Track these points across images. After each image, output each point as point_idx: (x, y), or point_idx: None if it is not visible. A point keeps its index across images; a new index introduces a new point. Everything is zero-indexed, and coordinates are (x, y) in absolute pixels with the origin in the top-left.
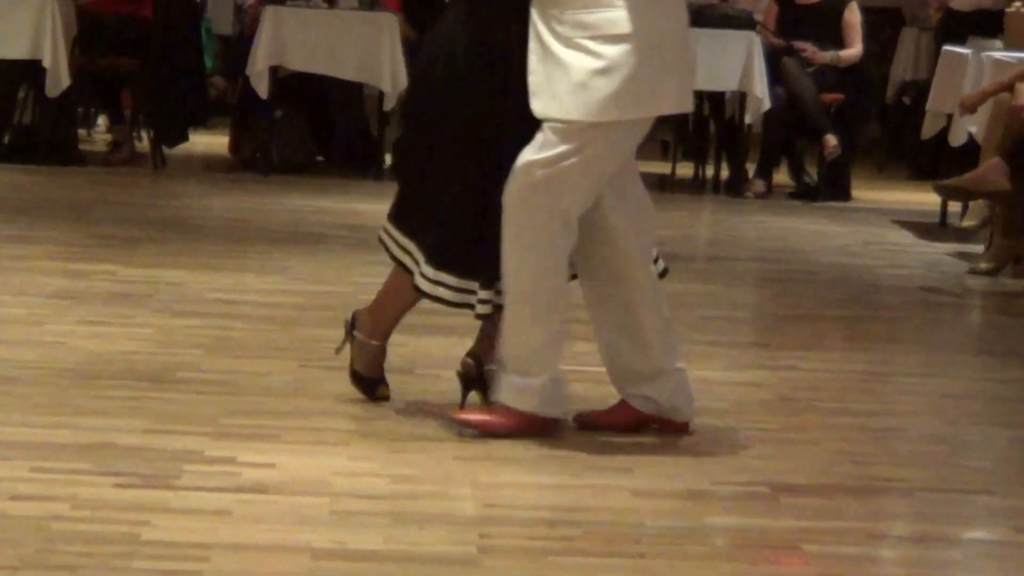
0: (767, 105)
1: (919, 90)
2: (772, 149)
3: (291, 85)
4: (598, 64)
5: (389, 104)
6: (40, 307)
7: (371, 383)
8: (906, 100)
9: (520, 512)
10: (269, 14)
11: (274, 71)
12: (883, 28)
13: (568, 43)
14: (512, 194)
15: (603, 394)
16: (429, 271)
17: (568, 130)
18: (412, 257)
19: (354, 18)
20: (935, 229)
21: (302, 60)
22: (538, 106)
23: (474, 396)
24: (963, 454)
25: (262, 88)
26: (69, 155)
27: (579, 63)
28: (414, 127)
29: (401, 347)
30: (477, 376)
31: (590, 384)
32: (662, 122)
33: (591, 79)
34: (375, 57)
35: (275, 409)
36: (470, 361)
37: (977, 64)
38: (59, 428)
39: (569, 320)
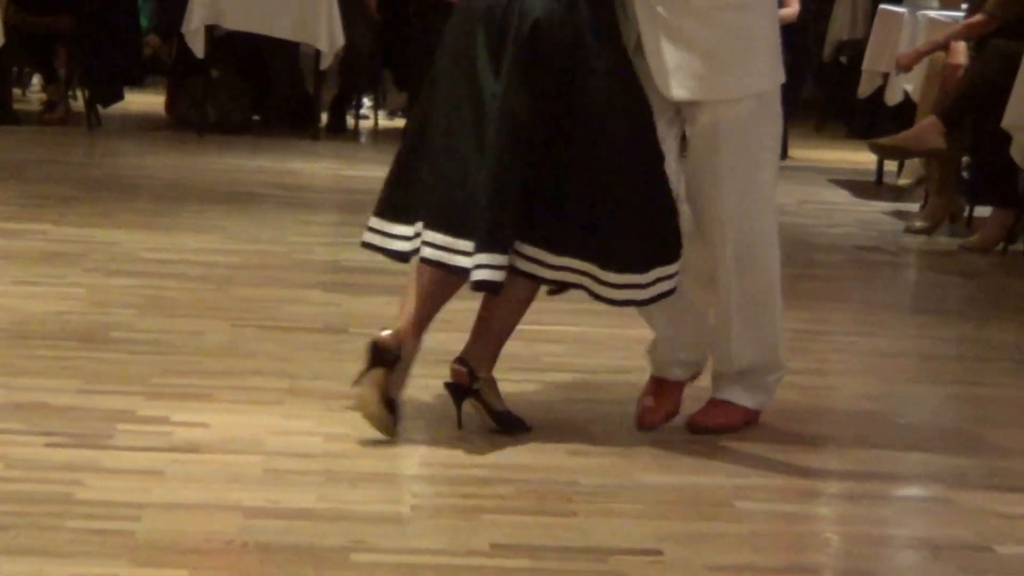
0: None
1: (856, 49)
2: None
3: (227, 44)
4: (752, 32)
5: (325, 63)
6: None
7: (515, 417)
8: (843, 59)
9: (454, 471)
10: None
11: (210, 30)
12: None
13: (707, 18)
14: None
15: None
16: (613, 277)
17: (764, 100)
18: (578, 273)
19: None
20: (871, 188)
21: (238, 19)
22: (705, 87)
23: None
24: (896, 412)
25: (198, 47)
26: (2, 114)
27: (734, 34)
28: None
29: (335, 307)
30: (470, 386)
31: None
32: None
33: (755, 47)
34: (312, 16)
35: (208, 369)
36: (462, 369)
37: (913, 23)
38: None
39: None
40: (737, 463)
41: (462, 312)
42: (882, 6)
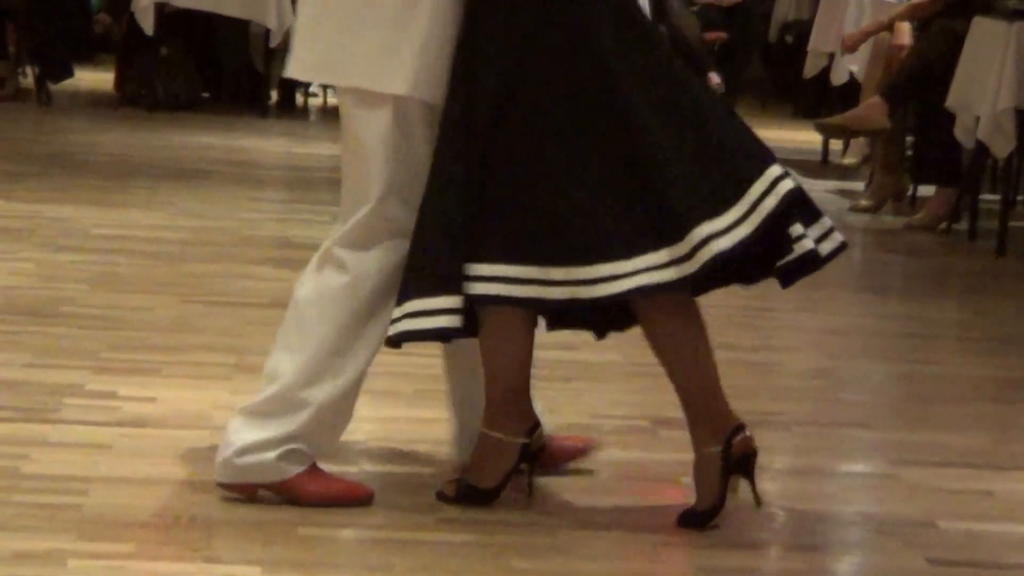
0: None
1: (801, 29)
2: None
3: (176, 21)
4: None
5: (275, 41)
6: None
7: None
8: (788, 39)
9: (401, 445)
10: None
11: (160, 7)
12: None
13: None
14: None
15: None
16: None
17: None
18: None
19: None
20: (817, 167)
21: None
22: None
23: None
24: (841, 388)
25: (148, 24)
26: None
27: None
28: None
29: (284, 283)
30: None
31: None
32: None
33: None
34: None
35: (157, 344)
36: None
37: (858, 4)
38: None
39: None
40: (683, 438)
41: None
42: None
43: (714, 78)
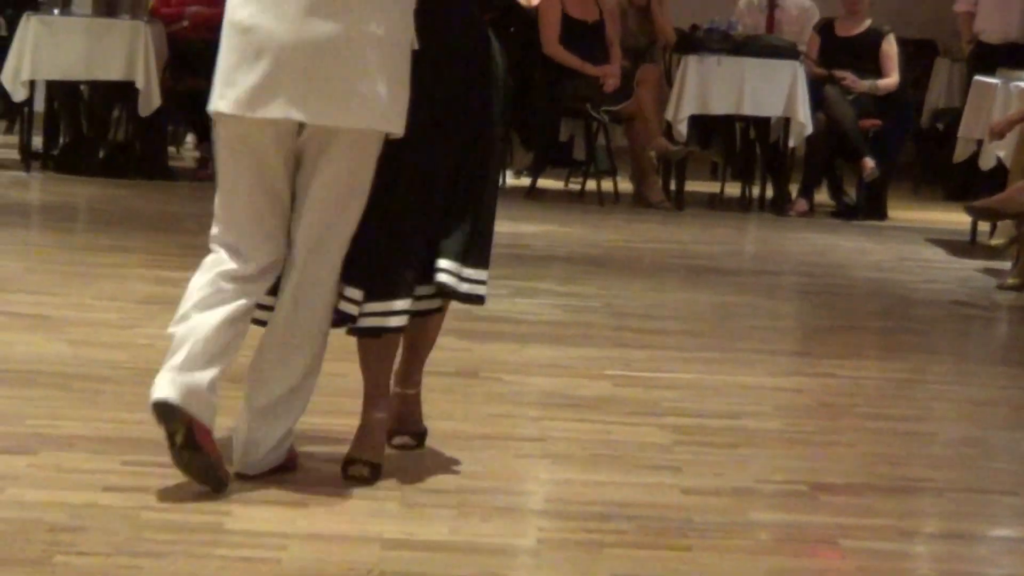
0: (809, 129)
1: (952, 117)
2: (814, 171)
3: None
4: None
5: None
6: (132, 312)
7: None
8: (940, 126)
9: (575, 507)
10: None
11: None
12: (918, 58)
13: None
14: None
15: None
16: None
17: None
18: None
19: None
20: (966, 247)
21: None
22: None
23: None
24: (991, 457)
25: None
26: (159, 170)
27: None
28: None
29: (466, 352)
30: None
31: None
32: (710, 145)
33: None
34: None
35: (350, 410)
36: None
37: (1005, 93)
38: (148, 424)
39: None
40: (841, 503)
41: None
42: (977, 77)
43: (868, 163)
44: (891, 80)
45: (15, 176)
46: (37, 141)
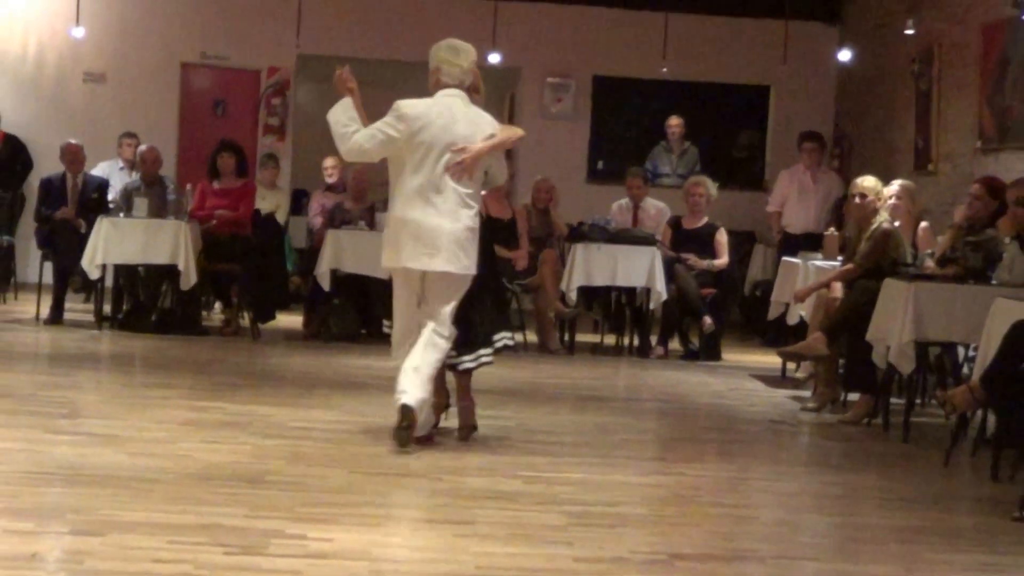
0: (664, 296)
1: (766, 286)
2: (668, 326)
3: (345, 280)
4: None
5: None
6: (174, 431)
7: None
8: (758, 293)
9: (498, 572)
10: (330, 235)
11: (334, 272)
12: (742, 245)
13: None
14: None
15: None
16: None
17: None
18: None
19: None
20: (777, 380)
21: (352, 265)
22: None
23: None
24: (799, 532)
25: (325, 283)
26: (195, 329)
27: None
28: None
29: (416, 460)
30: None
31: None
32: (593, 307)
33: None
34: None
35: (333, 501)
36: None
37: (805, 269)
38: (186, 513)
39: None
40: (691, 568)
41: None
42: (785, 258)
43: (707, 320)
44: (723, 260)
45: (91, 333)
46: (107, 308)
